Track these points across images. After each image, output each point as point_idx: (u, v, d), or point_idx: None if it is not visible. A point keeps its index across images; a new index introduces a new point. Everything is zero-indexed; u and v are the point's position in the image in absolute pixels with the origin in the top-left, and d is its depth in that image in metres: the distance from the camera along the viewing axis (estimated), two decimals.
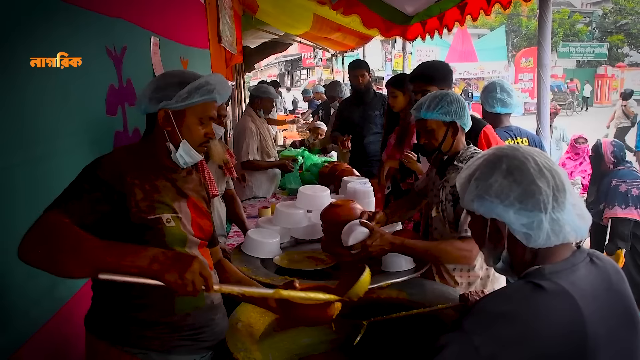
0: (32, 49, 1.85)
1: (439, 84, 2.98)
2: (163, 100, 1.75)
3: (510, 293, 1.29)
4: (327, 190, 2.93)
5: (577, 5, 43.75)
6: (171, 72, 1.85)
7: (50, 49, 1.98)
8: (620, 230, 4.89)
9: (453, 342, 1.20)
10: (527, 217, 1.27)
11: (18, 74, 1.75)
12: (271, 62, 39.91)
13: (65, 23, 2.11)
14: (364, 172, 4.70)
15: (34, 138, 1.85)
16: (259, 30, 9.85)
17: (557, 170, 1.30)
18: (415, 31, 6.02)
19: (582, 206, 1.32)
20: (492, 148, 1.41)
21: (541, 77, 3.21)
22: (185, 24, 4.43)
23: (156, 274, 1.43)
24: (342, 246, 2.44)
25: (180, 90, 1.74)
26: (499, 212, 1.31)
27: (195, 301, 1.80)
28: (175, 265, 1.44)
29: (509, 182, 1.29)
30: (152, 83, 1.82)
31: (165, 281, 1.43)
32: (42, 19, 1.93)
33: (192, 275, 1.43)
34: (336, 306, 1.74)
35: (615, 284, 1.32)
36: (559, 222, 1.26)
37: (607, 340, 1.22)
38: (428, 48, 24.83)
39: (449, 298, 2.16)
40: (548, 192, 1.26)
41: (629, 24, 36.17)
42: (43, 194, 1.90)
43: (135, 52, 2.84)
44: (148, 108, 1.80)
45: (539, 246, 1.29)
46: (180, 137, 1.79)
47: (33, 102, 1.84)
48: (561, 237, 1.27)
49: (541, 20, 3.18)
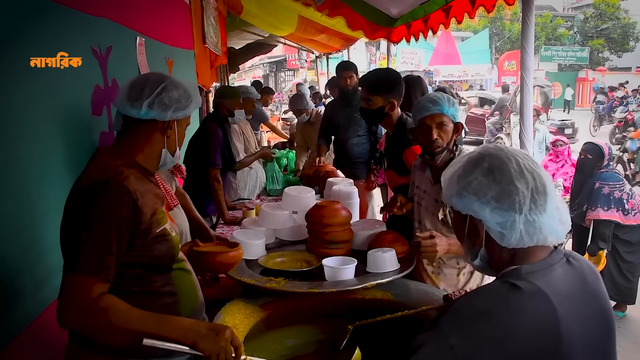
0: (17, 48, 1.83)
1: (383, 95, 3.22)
2: (178, 110, 1.82)
3: (487, 293, 1.30)
4: (312, 191, 2.94)
5: (559, 10, 44.26)
6: (176, 82, 1.85)
7: (37, 48, 1.97)
8: (602, 231, 4.96)
9: (429, 342, 1.21)
10: (502, 217, 1.28)
11: (2, 73, 1.74)
12: (256, 64, 39.81)
13: (51, 22, 2.09)
14: (348, 173, 4.70)
15: (18, 138, 1.84)
16: (244, 31, 9.82)
17: (540, 173, 1.31)
18: (399, 33, 6.04)
19: (563, 211, 1.32)
20: (479, 147, 1.42)
21: (524, 80, 3.24)
22: (170, 25, 4.42)
23: (194, 341, 1.57)
24: (327, 247, 2.45)
25: (188, 99, 1.84)
26: (475, 209, 1.32)
27: (193, 302, 1.92)
28: (210, 332, 1.60)
29: (488, 181, 1.30)
30: (163, 89, 1.80)
31: (201, 348, 1.57)
32: (29, 17, 1.92)
33: (225, 343, 1.58)
34: None
35: (591, 284, 1.34)
36: (534, 224, 1.27)
37: (581, 339, 1.23)
38: (412, 50, 24.98)
39: (433, 298, 2.18)
40: (526, 194, 1.27)
41: (609, 28, 36.70)
42: (25, 195, 1.89)
43: (120, 52, 2.83)
44: (149, 113, 1.79)
45: (512, 246, 1.30)
46: (175, 145, 1.89)
47: (18, 102, 1.83)
48: (535, 239, 1.28)
49: (524, 23, 3.21)
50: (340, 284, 2.16)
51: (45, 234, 2.01)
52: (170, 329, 1.58)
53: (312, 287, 2.11)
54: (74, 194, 1.67)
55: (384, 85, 3.25)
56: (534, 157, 1.38)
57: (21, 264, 1.88)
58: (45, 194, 2.02)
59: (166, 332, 1.57)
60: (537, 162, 1.35)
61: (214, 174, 4.01)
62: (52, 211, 2.05)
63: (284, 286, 2.12)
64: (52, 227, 2.02)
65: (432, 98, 2.52)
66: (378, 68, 3.91)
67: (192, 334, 1.57)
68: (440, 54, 26.56)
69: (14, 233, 1.82)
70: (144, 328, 1.56)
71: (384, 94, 3.23)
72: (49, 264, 2.01)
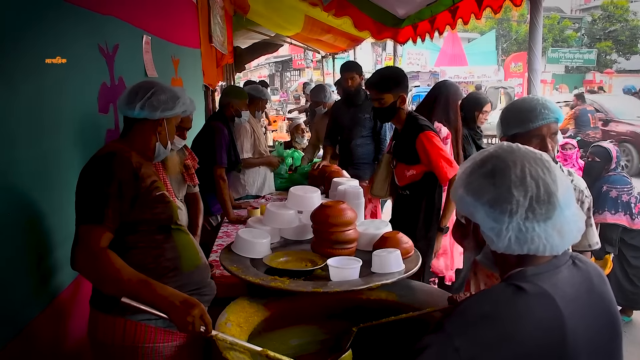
0: (25, 46, 1.84)
1: (393, 91, 3.36)
2: (165, 110, 2.15)
3: (492, 295, 1.29)
4: (317, 191, 2.93)
5: (567, 11, 44.09)
6: (164, 87, 2.18)
7: (43, 46, 1.97)
8: (608, 235, 4.93)
9: (434, 344, 1.20)
10: (494, 221, 1.27)
11: (9, 71, 1.74)
12: (261, 63, 39.84)
13: (58, 20, 2.10)
14: (352, 174, 4.70)
15: (25, 136, 1.84)
16: (250, 30, 9.84)
17: (548, 181, 1.26)
18: (406, 34, 6.03)
19: (572, 224, 1.28)
20: (496, 145, 1.39)
21: (531, 82, 3.23)
22: (177, 24, 4.43)
23: (166, 310, 1.82)
24: (332, 247, 2.45)
25: (175, 101, 2.17)
26: (471, 211, 1.32)
27: (195, 260, 2.20)
28: (182, 306, 1.82)
29: (488, 184, 1.28)
30: (153, 94, 2.12)
31: (171, 317, 1.82)
32: (36, 15, 1.92)
33: (192, 318, 1.79)
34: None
35: (597, 286, 1.33)
36: (527, 232, 1.25)
37: (586, 341, 1.23)
38: (418, 51, 24.96)
39: (438, 300, 2.17)
40: (522, 202, 1.24)
41: (617, 30, 36.51)
42: (33, 192, 1.90)
43: (127, 50, 2.84)
44: (141, 114, 2.12)
45: (501, 251, 1.29)
46: (168, 138, 2.24)
47: (26, 99, 1.83)
48: (525, 249, 1.26)
49: (532, 24, 3.19)
50: (344, 284, 2.16)
51: (50, 230, 2.02)
52: (150, 294, 1.84)
53: (317, 287, 2.10)
54: (87, 164, 1.98)
55: (392, 81, 3.40)
56: None
57: (24, 261, 1.89)
58: (49, 192, 2.03)
59: (146, 295, 1.83)
60: (554, 169, 1.29)
61: (219, 172, 4.02)
62: (56, 208, 2.06)
63: (289, 285, 2.11)
64: (55, 225, 2.04)
65: (544, 103, 2.22)
66: (380, 68, 4.03)
67: (166, 303, 1.82)
68: (446, 55, 26.51)
69: (16, 231, 1.83)
70: (130, 285, 1.83)
71: (393, 90, 3.39)
72: (51, 261, 2.03)
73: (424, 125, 3.27)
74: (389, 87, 3.38)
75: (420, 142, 3.24)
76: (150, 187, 2.04)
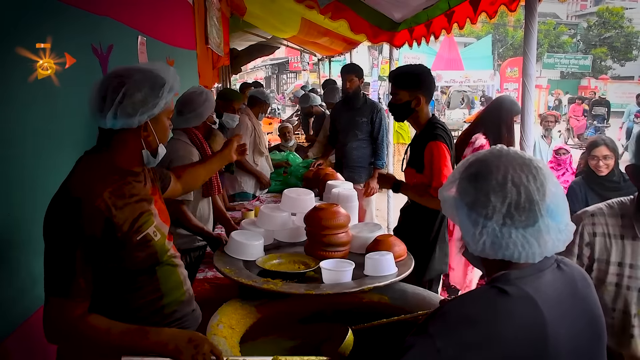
0: (17, 45, 1.83)
1: (409, 90, 3.17)
2: (145, 112, 1.71)
3: (474, 297, 1.31)
4: (311, 193, 2.93)
5: (563, 17, 44.30)
6: (137, 80, 1.71)
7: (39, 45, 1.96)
8: None
9: (417, 344, 1.21)
10: (471, 224, 1.29)
11: (4, 70, 1.74)
12: (258, 65, 39.86)
13: (52, 19, 2.09)
14: (347, 177, 4.70)
15: (18, 136, 1.84)
16: (247, 32, 9.83)
17: (532, 189, 1.25)
18: (402, 38, 6.04)
19: (554, 233, 1.26)
20: (491, 148, 1.39)
21: (526, 87, 3.23)
22: (173, 25, 4.42)
23: (172, 354, 1.60)
24: (325, 249, 2.45)
25: (156, 96, 1.72)
26: (453, 212, 1.34)
27: (179, 296, 1.96)
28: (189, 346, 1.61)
29: (470, 187, 1.30)
30: (124, 96, 1.68)
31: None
32: (34, 16, 1.92)
33: (203, 357, 1.60)
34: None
35: (581, 290, 1.34)
36: (502, 238, 1.25)
37: (569, 344, 1.23)
38: (415, 55, 24.92)
39: (430, 303, 2.18)
40: (499, 208, 1.24)
41: (612, 37, 36.73)
42: (23, 195, 1.89)
43: (121, 51, 2.83)
44: (116, 124, 1.70)
45: (477, 254, 1.31)
46: (157, 141, 1.82)
47: (19, 100, 1.83)
48: (500, 254, 1.26)
49: (527, 30, 3.20)
50: (337, 287, 2.16)
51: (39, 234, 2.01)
52: (150, 343, 1.62)
53: (310, 289, 2.11)
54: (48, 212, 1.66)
55: (409, 79, 3.20)
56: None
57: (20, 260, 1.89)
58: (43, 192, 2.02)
59: (146, 346, 1.62)
60: (545, 177, 1.27)
61: None
62: None
63: (281, 288, 2.11)
64: None
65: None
66: (409, 64, 3.95)
67: (171, 348, 1.61)
68: (442, 59, 26.53)
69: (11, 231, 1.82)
70: (125, 343, 1.62)
71: (409, 89, 3.17)
72: None
73: (438, 135, 3.08)
74: (404, 84, 3.19)
75: (429, 150, 3.07)
76: (130, 232, 1.72)
